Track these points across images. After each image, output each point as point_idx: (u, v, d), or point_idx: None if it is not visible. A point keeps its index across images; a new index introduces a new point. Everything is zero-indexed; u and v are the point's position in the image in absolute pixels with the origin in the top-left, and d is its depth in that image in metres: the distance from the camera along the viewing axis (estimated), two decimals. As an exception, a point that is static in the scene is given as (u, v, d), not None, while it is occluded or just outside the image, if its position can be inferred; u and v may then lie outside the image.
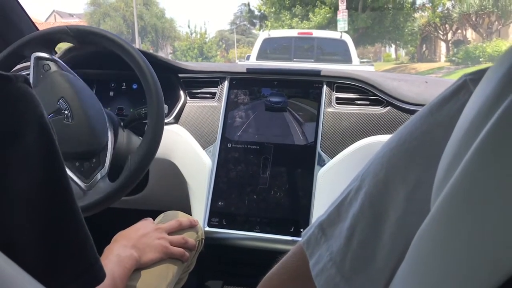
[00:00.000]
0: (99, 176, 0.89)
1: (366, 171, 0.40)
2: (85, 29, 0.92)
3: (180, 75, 1.17)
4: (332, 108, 1.07)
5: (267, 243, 1.01)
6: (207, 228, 1.03)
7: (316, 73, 1.09)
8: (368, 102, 1.07)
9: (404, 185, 0.36)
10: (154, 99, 0.88)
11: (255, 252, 1.02)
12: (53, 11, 35.15)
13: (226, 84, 1.14)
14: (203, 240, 0.97)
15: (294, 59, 6.85)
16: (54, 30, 0.93)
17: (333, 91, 1.09)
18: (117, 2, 28.92)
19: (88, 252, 0.44)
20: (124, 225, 0.87)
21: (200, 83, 1.17)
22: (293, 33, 7.83)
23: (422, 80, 1.14)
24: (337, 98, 1.08)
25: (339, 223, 0.40)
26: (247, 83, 1.13)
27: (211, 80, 1.16)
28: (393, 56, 27.69)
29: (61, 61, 0.92)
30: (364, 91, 1.07)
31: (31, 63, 0.91)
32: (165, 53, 30.40)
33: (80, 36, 0.92)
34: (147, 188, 1.14)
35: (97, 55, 1.05)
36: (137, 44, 23.16)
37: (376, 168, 0.39)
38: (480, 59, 15.32)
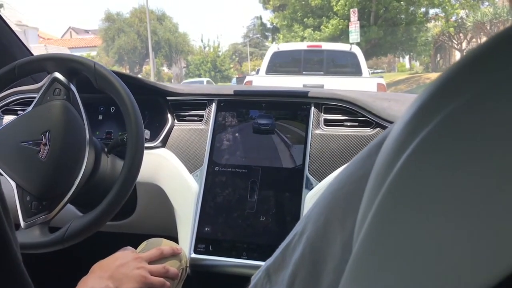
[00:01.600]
0: (39, 221, 0.86)
1: (310, 213, 0.38)
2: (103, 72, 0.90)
3: (168, 98, 1.16)
4: (320, 130, 1.05)
5: (255, 270, 0.98)
6: (193, 255, 1.01)
7: (304, 94, 1.07)
8: (357, 124, 1.04)
9: (341, 231, 0.33)
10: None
11: (243, 279, 0.99)
12: (69, 27, 35.98)
13: (213, 106, 1.12)
14: (187, 268, 0.95)
15: (304, 72, 6.71)
16: (82, 61, 0.91)
17: (321, 112, 1.06)
18: (131, 17, 29.37)
19: None
20: (110, 248, 0.86)
21: (188, 106, 1.16)
22: (302, 46, 7.66)
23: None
24: (325, 120, 1.05)
25: (283, 269, 0.38)
26: (235, 105, 1.12)
27: (199, 102, 1.14)
28: (407, 66, 27.52)
29: (75, 93, 0.91)
30: (352, 112, 1.04)
31: (46, 81, 0.90)
32: (179, 67, 30.73)
33: (101, 80, 0.90)
34: (135, 213, 1.12)
35: (87, 80, 1.05)
36: (151, 59, 23.46)
37: (318, 211, 0.37)
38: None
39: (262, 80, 5.92)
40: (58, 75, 0.90)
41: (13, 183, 0.86)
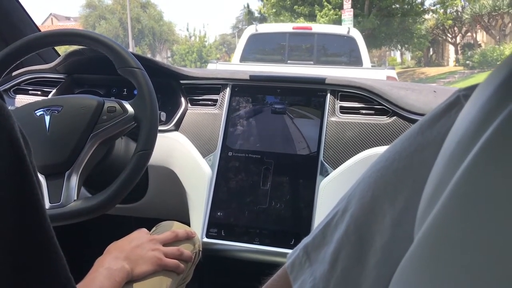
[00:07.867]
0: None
1: (353, 191, 0.38)
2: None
3: (181, 82, 1.14)
4: (335, 117, 1.04)
5: (267, 255, 0.99)
6: (205, 239, 1.01)
7: (321, 81, 1.06)
8: (373, 112, 1.03)
9: (391, 208, 0.33)
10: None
11: (254, 264, 0.99)
12: (50, 14, 34.75)
13: (228, 91, 1.11)
14: (200, 252, 0.95)
15: (289, 61, 5.34)
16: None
17: (337, 99, 1.06)
18: (113, 4, 28.23)
19: (60, 273, 0.42)
20: (121, 232, 0.85)
21: (201, 90, 1.14)
22: (287, 27, 6.04)
23: (431, 89, 1.11)
24: (341, 107, 1.05)
25: (323, 247, 0.37)
26: (250, 91, 1.11)
27: (213, 87, 1.13)
28: (399, 60, 27.34)
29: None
30: (369, 100, 1.04)
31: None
32: (163, 57, 29.60)
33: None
34: (146, 196, 1.12)
35: (99, 60, 1.03)
36: (131, 48, 22.77)
37: (363, 189, 0.36)
38: (498, 63, 14.64)
39: (232, 69, 4.33)
40: None
41: None
